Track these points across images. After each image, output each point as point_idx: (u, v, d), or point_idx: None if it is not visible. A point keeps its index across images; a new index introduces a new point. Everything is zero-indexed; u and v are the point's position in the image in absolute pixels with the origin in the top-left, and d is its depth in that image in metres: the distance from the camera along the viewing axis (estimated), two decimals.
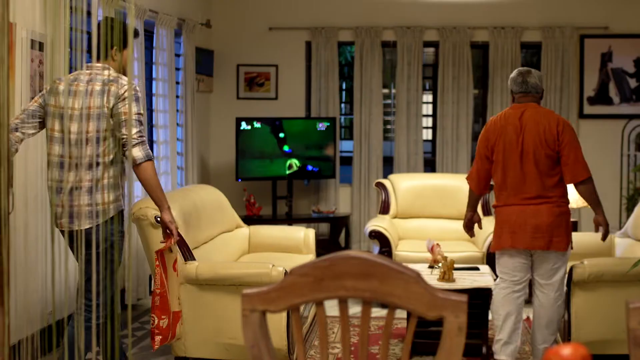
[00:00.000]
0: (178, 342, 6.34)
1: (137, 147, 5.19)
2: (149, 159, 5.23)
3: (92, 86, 5.26)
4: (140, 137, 5.21)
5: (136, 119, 5.24)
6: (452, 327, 2.27)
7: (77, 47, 6.75)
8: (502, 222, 6.33)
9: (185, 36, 9.79)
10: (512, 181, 6.26)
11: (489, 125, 6.41)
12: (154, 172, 5.29)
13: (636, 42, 11.03)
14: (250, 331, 2.35)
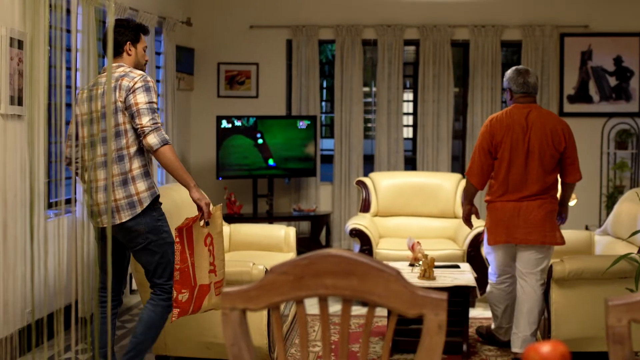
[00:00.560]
0: (159, 341, 6.33)
1: (151, 134, 5.30)
2: (165, 143, 5.32)
3: (104, 87, 5.43)
4: (154, 124, 5.31)
5: (147, 108, 5.34)
6: (432, 325, 2.28)
7: (56, 45, 6.74)
8: (498, 217, 6.55)
9: (166, 34, 9.77)
10: (514, 178, 6.46)
11: (494, 122, 6.53)
12: (173, 155, 5.36)
13: (616, 40, 11.07)
14: (231, 330, 2.34)
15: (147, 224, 5.48)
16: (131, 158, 5.41)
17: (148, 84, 5.41)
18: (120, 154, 5.40)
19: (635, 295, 2.33)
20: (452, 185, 9.42)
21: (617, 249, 7.14)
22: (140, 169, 5.44)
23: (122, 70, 5.50)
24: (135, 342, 5.66)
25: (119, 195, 5.40)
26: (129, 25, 5.76)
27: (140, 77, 5.43)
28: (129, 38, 5.70)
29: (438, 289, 6.06)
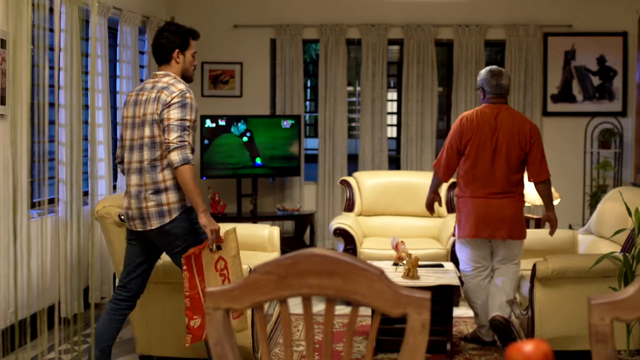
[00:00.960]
0: (142, 340, 6.32)
1: (175, 151, 5.33)
2: (185, 162, 5.34)
3: (150, 94, 5.52)
4: (181, 141, 5.34)
5: (178, 125, 5.36)
6: (416, 324, 2.28)
7: (39, 44, 6.73)
8: (468, 213, 6.79)
9: (150, 33, 9.75)
10: (481, 175, 6.71)
11: (464, 121, 6.76)
12: (189, 176, 5.36)
13: (599, 40, 11.10)
14: (214, 329, 2.34)
15: (185, 228, 5.54)
16: (164, 169, 5.48)
17: (185, 100, 5.43)
18: (154, 164, 5.48)
19: (618, 294, 2.34)
20: None
21: (600, 248, 7.16)
22: (172, 180, 5.48)
23: (166, 82, 5.54)
24: None
25: (150, 203, 5.49)
26: (177, 31, 5.75)
27: (179, 92, 5.45)
28: (177, 45, 5.70)
29: (422, 288, 6.06)
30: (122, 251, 6.23)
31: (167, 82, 5.54)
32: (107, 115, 8.25)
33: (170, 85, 5.50)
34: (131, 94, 5.72)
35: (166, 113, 5.39)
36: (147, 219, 5.51)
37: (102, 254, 8.15)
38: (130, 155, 5.59)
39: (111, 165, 8.45)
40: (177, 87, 5.49)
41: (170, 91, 5.45)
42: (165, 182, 5.48)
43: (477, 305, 6.96)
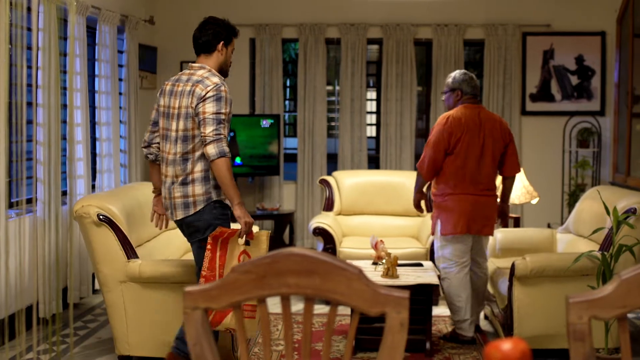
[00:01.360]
0: (121, 341, 6.31)
1: (211, 145, 5.42)
2: (221, 155, 5.42)
3: (184, 87, 5.65)
4: (217, 134, 5.43)
5: (213, 118, 5.46)
6: (394, 323, 2.28)
7: (17, 44, 6.70)
8: (460, 209, 6.93)
9: (128, 33, 9.73)
10: (470, 173, 6.91)
11: (452, 120, 6.91)
12: (225, 169, 5.44)
13: (578, 39, 11.14)
14: (193, 329, 2.34)
15: (206, 221, 5.62)
16: (194, 161, 5.58)
17: (220, 93, 5.52)
18: (185, 157, 5.59)
19: (596, 293, 2.35)
20: None
21: (578, 247, 7.19)
22: (201, 172, 5.58)
23: (201, 75, 5.64)
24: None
25: (177, 194, 5.63)
26: (224, 24, 5.99)
27: (214, 86, 5.53)
28: (223, 38, 5.90)
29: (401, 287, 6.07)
30: (101, 250, 6.22)
31: (201, 76, 5.63)
32: (85, 115, 8.22)
33: (205, 79, 5.59)
34: (167, 83, 5.84)
35: (201, 107, 5.48)
36: (174, 210, 5.67)
37: (80, 253, 8.13)
38: (164, 145, 5.73)
39: (90, 164, 8.42)
40: (212, 80, 5.57)
41: (205, 85, 5.54)
42: (193, 174, 5.58)
43: (462, 300, 7.01)
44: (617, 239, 6.25)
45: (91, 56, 8.95)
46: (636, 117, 9.65)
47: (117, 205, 6.41)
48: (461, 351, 6.88)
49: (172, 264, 6.43)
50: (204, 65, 5.74)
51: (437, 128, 6.97)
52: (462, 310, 7.04)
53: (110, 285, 6.26)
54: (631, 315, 7.61)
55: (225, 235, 5.51)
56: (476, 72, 11.92)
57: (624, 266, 6.13)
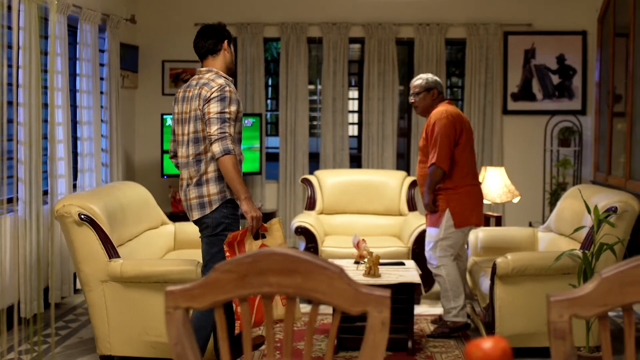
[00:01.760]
0: (103, 340, 6.30)
1: (216, 143, 5.60)
2: (226, 153, 5.59)
3: (194, 91, 5.83)
4: (221, 133, 5.60)
5: (217, 117, 5.63)
6: (376, 322, 2.28)
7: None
8: (473, 201, 7.25)
9: (110, 32, 9.70)
10: (472, 165, 7.26)
11: (451, 115, 7.16)
12: (231, 166, 5.61)
13: (559, 39, 11.18)
14: (174, 328, 2.33)
15: (216, 219, 5.78)
16: (207, 162, 5.76)
17: (224, 94, 5.69)
18: (198, 158, 5.78)
19: (577, 291, 2.35)
20: (397, 182, 9.46)
21: (560, 246, 7.21)
22: (214, 172, 5.76)
23: (207, 78, 5.82)
24: None
25: (192, 195, 5.81)
26: (220, 26, 6.12)
27: (218, 87, 5.71)
28: (226, 37, 6.04)
29: (383, 286, 6.08)
30: (82, 250, 6.20)
31: (208, 79, 5.80)
32: (66, 114, 8.20)
33: (211, 81, 5.76)
34: (180, 90, 6.01)
35: (206, 108, 5.66)
36: (190, 211, 5.84)
37: (62, 253, 8.11)
38: (180, 150, 5.93)
39: (71, 164, 8.40)
40: (217, 82, 5.75)
41: (210, 87, 5.72)
42: (207, 174, 5.76)
43: (459, 288, 7.25)
44: (598, 237, 6.28)
45: (72, 55, 8.91)
46: (617, 116, 9.68)
47: (99, 205, 6.39)
48: (443, 349, 6.89)
49: (154, 263, 6.43)
50: (211, 69, 5.92)
51: (441, 123, 7.10)
52: (462, 295, 7.24)
53: (91, 285, 6.25)
54: (612, 313, 7.64)
55: (237, 238, 5.66)
56: (458, 71, 11.95)
57: (605, 265, 6.15)
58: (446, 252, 7.20)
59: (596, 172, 10.42)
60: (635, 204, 6.62)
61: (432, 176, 7.15)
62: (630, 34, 8.99)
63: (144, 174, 11.08)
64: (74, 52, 8.95)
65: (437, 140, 7.09)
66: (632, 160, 8.82)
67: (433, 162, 7.09)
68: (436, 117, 7.16)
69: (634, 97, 8.84)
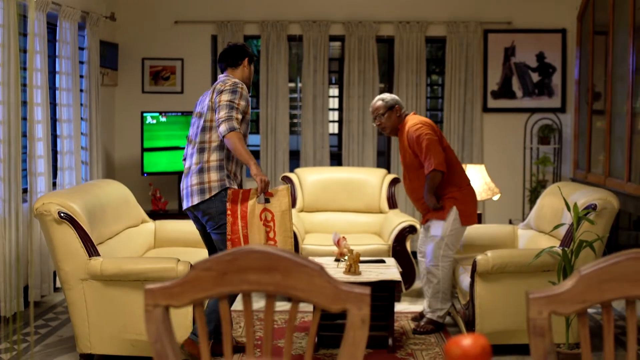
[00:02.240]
0: (83, 339, 6.28)
1: (222, 124, 6.05)
2: (231, 129, 6.01)
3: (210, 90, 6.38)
4: (228, 115, 6.07)
5: (227, 104, 6.11)
6: (356, 320, 2.28)
7: None
8: (475, 200, 7.38)
9: (89, 29, 9.67)
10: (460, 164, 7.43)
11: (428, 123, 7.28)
12: (237, 140, 6.01)
13: (538, 37, 11.20)
14: (154, 327, 2.33)
15: (219, 208, 6.13)
16: (210, 151, 6.20)
17: (236, 88, 6.20)
18: (202, 146, 6.23)
19: (556, 288, 2.36)
20: (377, 180, 9.47)
21: (539, 243, 7.23)
22: (216, 161, 6.19)
23: (224, 79, 6.36)
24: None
25: (194, 181, 6.20)
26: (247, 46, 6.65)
27: (232, 82, 6.25)
28: (248, 55, 6.54)
29: (363, 283, 6.09)
30: (62, 248, 6.19)
31: (224, 79, 6.35)
32: (46, 112, 8.17)
33: (227, 79, 6.33)
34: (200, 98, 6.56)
35: (218, 98, 6.17)
36: (190, 196, 6.19)
37: (41, 251, 8.08)
38: (186, 150, 6.46)
39: (50, 162, 8.37)
40: (232, 80, 6.29)
41: (224, 81, 6.29)
42: (209, 162, 6.18)
43: (449, 290, 7.35)
44: (578, 234, 6.30)
45: (52, 53, 8.89)
46: (596, 114, 9.72)
47: (78, 203, 6.38)
48: (424, 347, 6.90)
49: (134, 261, 6.42)
50: (230, 75, 6.42)
51: (422, 131, 7.13)
52: (450, 302, 7.35)
53: (71, 283, 6.23)
54: (592, 310, 7.67)
55: (240, 195, 6.02)
56: (438, 69, 11.96)
57: (584, 262, 6.17)
58: (449, 250, 7.23)
59: (576, 169, 10.45)
60: (614, 202, 6.65)
61: (432, 180, 7.15)
62: (609, 32, 9.02)
63: (124, 172, 11.05)
64: (53, 49, 8.92)
65: (427, 148, 7.08)
66: (611, 158, 8.85)
67: (432, 168, 7.07)
68: (414, 129, 7.19)
69: (613, 94, 8.87)
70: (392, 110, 7.34)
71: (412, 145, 7.16)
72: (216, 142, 6.20)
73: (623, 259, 2.37)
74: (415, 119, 7.30)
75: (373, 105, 7.46)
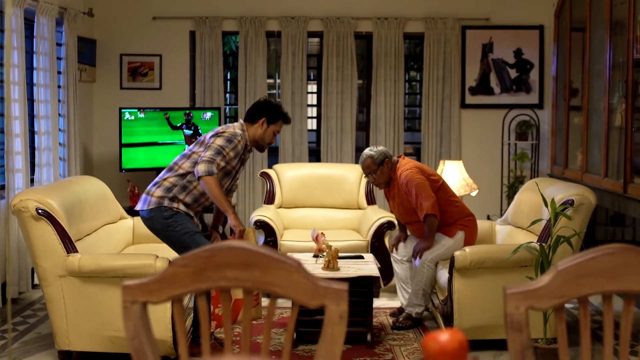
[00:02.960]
0: (61, 336, 6.26)
1: (202, 164, 6.22)
2: (209, 173, 6.19)
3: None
4: (211, 158, 6.24)
5: (216, 148, 6.29)
6: (334, 316, 2.29)
7: None
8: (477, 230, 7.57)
9: (67, 25, 9.63)
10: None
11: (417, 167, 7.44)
12: (214, 186, 6.21)
13: (516, 33, 11.24)
14: (132, 323, 2.33)
15: (161, 226, 6.38)
16: (174, 172, 6.43)
17: (234, 139, 6.39)
18: (172, 166, 6.49)
19: (533, 283, 2.38)
20: (356, 176, 9.47)
21: (517, 238, 7.26)
22: (170, 183, 6.38)
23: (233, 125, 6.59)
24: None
25: (147, 189, 6.48)
26: (273, 106, 6.72)
27: (233, 132, 6.44)
28: (267, 114, 6.61)
29: (342, 279, 6.10)
30: (40, 245, 6.17)
31: (234, 124, 6.60)
32: (23, 108, 8.13)
33: (230, 126, 6.55)
34: None
35: (213, 138, 6.37)
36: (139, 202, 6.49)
37: (19, 248, 8.05)
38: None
39: (28, 158, 8.34)
40: (235, 130, 6.48)
41: (226, 127, 6.52)
42: (166, 180, 6.40)
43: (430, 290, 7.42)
44: (555, 230, 6.33)
45: (29, 48, 8.85)
46: (574, 110, 9.75)
47: (56, 199, 6.36)
48: (402, 342, 6.92)
49: (112, 258, 6.41)
50: (241, 122, 6.63)
51: (410, 177, 7.28)
52: (429, 301, 7.44)
53: (49, 280, 6.21)
54: (569, 305, 7.70)
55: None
56: (416, 65, 11.98)
57: (561, 257, 6.19)
58: (438, 259, 7.30)
59: (553, 165, 10.49)
60: (591, 197, 6.68)
61: (431, 225, 7.25)
62: (586, 28, 9.06)
63: (102, 169, 11.01)
64: (30, 45, 8.89)
65: (418, 194, 7.19)
66: (588, 154, 8.89)
67: (425, 213, 7.18)
68: (405, 177, 7.30)
69: (590, 91, 8.91)
70: (383, 165, 7.43)
71: (409, 193, 7.29)
72: (184, 171, 6.40)
73: (600, 254, 2.38)
74: (404, 165, 7.43)
75: (363, 164, 7.54)
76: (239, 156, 6.49)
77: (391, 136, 11.17)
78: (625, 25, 7.63)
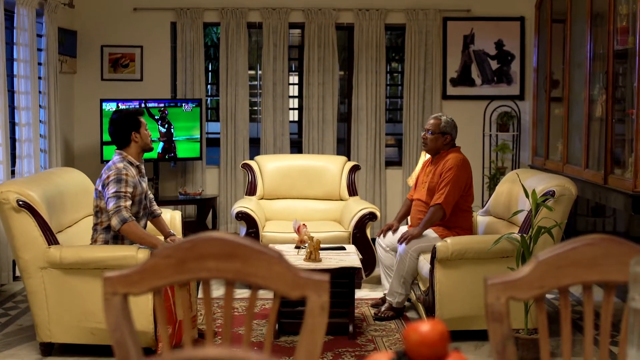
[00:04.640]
0: (43, 327, 6.25)
1: (113, 218, 6.24)
2: (123, 222, 6.20)
3: None
4: (117, 207, 6.22)
5: (114, 196, 6.26)
6: (315, 307, 2.29)
7: None
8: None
9: (47, 16, 9.59)
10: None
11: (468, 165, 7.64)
12: (134, 230, 6.26)
13: (497, 24, 11.25)
14: (113, 315, 2.32)
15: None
16: (98, 233, 6.53)
17: (120, 176, 6.30)
18: (95, 227, 6.58)
19: (513, 274, 2.38)
20: (337, 167, 9.48)
21: (498, 229, 7.28)
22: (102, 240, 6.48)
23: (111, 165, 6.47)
24: None
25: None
26: (125, 117, 6.62)
27: (115, 171, 6.34)
28: (130, 127, 6.56)
29: (323, 270, 6.11)
30: (20, 237, 6.15)
31: (111, 164, 6.49)
32: (4, 99, 8.10)
33: (109, 166, 6.48)
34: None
35: (106, 189, 6.35)
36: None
37: (0, 240, 8.02)
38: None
39: (8, 150, 8.31)
40: (115, 166, 6.41)
41: (107, 169, 6.45)
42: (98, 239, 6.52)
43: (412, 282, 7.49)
44: (536, 221, 6.34)
45: (9, 40, 8.81)
46: (554, 101, 9.78)
47: (37, 191, 6.34)
48: (384, 333, 6.94)
49: (94, 249, 6.39)
50: (122, 154, 6.56)
51: (459, 170, 7.42)
52: (409, 291, 7.49)
53: (30, 272, 6.20)
54: (550, 295, 7.73)
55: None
56: (397, 56, 11.98)
57: (542, 248, 6.22)
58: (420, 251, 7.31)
59: (534, 156, 10.52)
60: (572, 188, 6.71)
61: (433, 215, 7.32)
62: (567, 20, 9.08)
63: (83, 160, 10.98)
64: (10, 36, 8.85)
65: (448, 183, 7.29)
66: (569, 145, 8.92)
67: (439, 202, 7.26)
68: (453, 162, 7.44)
69: (571, 82, 8.94)
70: (442, 136, 7.59)
71: (441, 172, 7.41)
72: (106, 224, 6.47)
73: (580, 245, 2.39)
74: (460, 155, 7.58)
75: (432, 119, 7.71)
76: (138, 182, 6.49)
77: (373, 127, 11.18)
78: (606, 16, 7.65)
